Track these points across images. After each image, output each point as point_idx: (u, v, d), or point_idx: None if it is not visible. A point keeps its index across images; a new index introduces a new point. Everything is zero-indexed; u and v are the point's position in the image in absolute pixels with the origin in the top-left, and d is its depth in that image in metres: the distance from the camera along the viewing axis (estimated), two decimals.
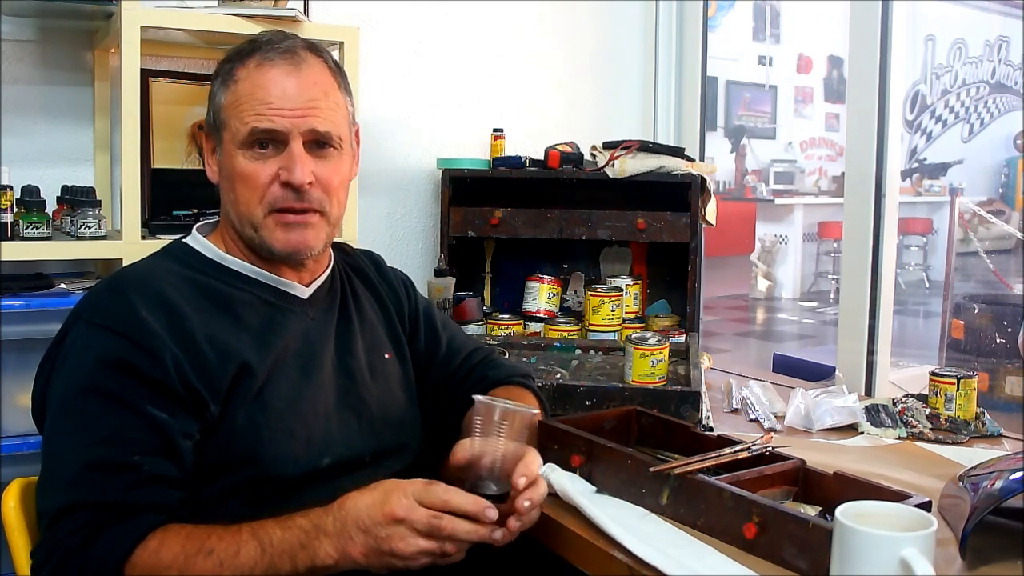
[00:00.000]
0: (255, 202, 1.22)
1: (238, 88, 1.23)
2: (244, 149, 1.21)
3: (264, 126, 1.20)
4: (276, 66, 1.22)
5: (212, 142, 1.28)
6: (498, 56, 2.48)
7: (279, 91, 1.21)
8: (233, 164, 1.22)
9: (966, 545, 1.06)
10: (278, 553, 1.04)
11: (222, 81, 1.25)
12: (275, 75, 1.22)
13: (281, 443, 1.18)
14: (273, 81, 1.21)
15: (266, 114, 1.20)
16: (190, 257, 1.26)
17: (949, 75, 9.07)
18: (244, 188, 1.22)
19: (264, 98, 1.21)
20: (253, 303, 1.24)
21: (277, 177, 1.21)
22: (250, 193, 1.22)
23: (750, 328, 7.43)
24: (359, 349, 1.33)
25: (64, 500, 1.05)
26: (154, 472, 1.07)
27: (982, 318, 3.81)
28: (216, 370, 1.14)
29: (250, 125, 1.20)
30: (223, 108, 1.24)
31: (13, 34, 1.91)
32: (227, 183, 1.25)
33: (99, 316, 1.14)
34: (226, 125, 1.23)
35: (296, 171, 1.20)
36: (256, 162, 1.21)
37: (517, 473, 1.09)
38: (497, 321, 2.20)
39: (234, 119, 1.22)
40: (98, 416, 1.08)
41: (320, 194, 1.24)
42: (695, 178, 2.13)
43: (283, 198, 1.22)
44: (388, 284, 1.47)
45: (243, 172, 1.21)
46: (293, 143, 1.21)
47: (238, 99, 1.22)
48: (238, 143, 1.21)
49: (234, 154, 1.22)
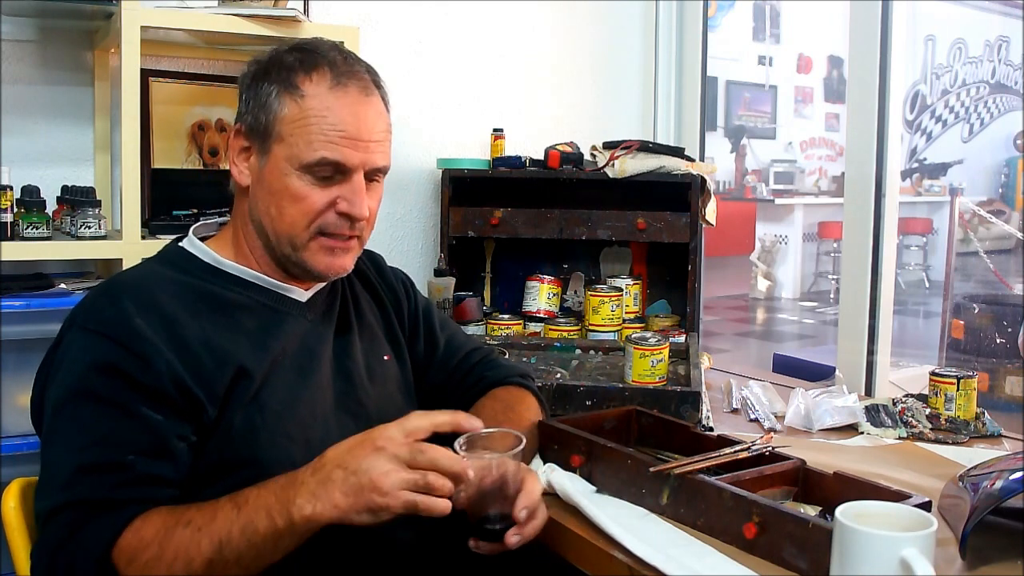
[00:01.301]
0: (303, 224, 1.20)
1: (306, 104, 1.18)
2: (304, 172, 1.19)
3: (336, 158, 1.18)
4: (350, 93, 1.20)
5: (247, 143, 1.23)
6: (498, 56, 2.48)
7: (353, 121, 1.19)
8: (286, 182, 1.19)
9: (966, 545, 1.06)
10: (253, 509, 1.02)
11: (282, 88, 1.20)
12: (349, 103, 1.19)
13: (279, 446, 1.18)
14: (348, 110, 1.19)
15: (339, 144, 1.18)
16: (186, 262, 1.25)
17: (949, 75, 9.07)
18: (294, 208, 1.20)
19: (338, 125, 1.18)
20: (251, 306, 1.24)
21: (333, 204, 1.20)
22: (300, 215, 1.20)
23: (750, 328, 7.43)
24: (357, 352, 1.33)
25: (56, 501, 1.05)
26: (147, 471, 1.07)
27: (982, 318, 3.81)
28: (213, 374, 1.14)
29: (321, 153, 1.17)
30: (283, 120, 1.19)
31: (13, 34, 1.91)
32: (269, 196, 1.21)
33: (93, 322, 1.13)
34: (283, 138, 1.19)
35: (358, 205, 1.20)
36: (313, 187, 1.19)
37: (518, 507, 1.10)
38: (497, 321, 2.20)
39: (298, 137, 1.18)
40: (92, 420, 1.08)
41: (365, 225, 1.24)
42: (695, 178, 2.13)
43: (336, 225, 1.21)
44: (388, 285, 1.47)
45: (298, 193, 1.19)
46: (356, 176, 1.20)
47: (306, 118, 1.18)
48: (299, 163, 1.18)
49: (288, 172, 1.19)
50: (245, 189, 1.25)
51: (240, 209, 1.27)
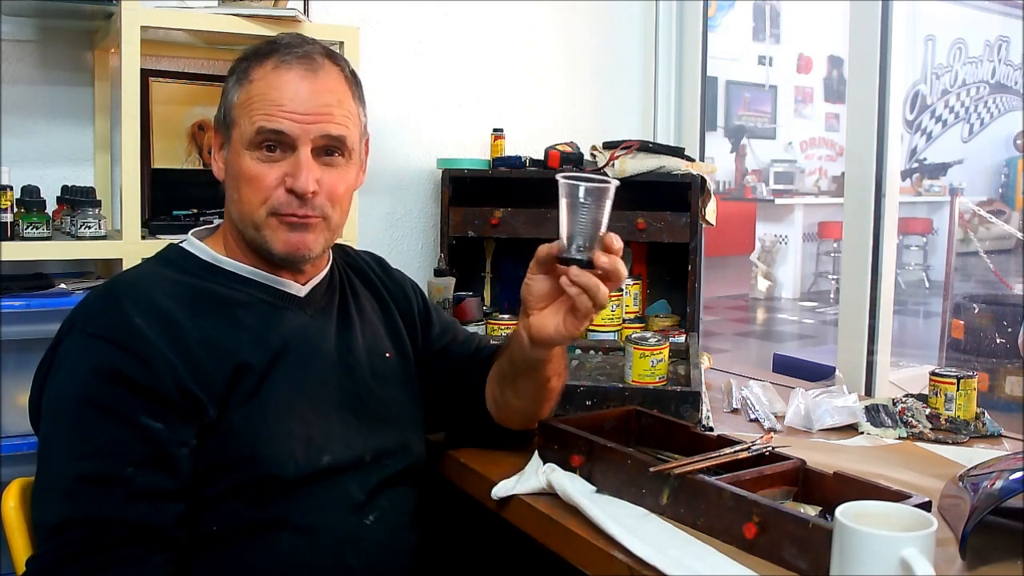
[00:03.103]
0: (257, 203, 1.21)
1: (252, 87, 1.22)
2: (251, 149, 1.21)
3: (272, 126, 1.19)
4: (292, 69, 1.22)
5: (220, 139, 1.27)
6: (498, 56, 2.48)
7: (292, 94, 1.20)
8: (239, 163, 1.21)
9: (966, 545, 1.06)
10: None
11: (237, 79, 1.24)
12: (290, 78, 1.21)
13: (280, 442, 1.18)
14: (287, 83, 1.21)
15: (276, 115, 1.19)
16: (184, 261, 1.25)
17: (949, 75, 9.07)
18: (248, 188, 1.21)
19: (276, 99, 1.20)
20: (250, 303, 1.24)
21: (283, 181, 1.20)
22: (253, 194, 1.21)
23: (750, 328, 7.43)
24: (359, 348, 1.33)
25: (57, 515, 1.05)
26: (147, 486, 1.07)
27: (982, 318, 3.81)
28: (213, 373, 1.14)
29: (258, 124, 1.19)
30: (234, 106, 1.23)
31: (13, 34, 1.91)
32: (232, 182, 1.24)
33: (92, 325, 1.13)
34: (236, 123, 1.23)
35: (301, 178, 1.19)
36: (263, 164, 1.21)
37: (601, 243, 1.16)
38: (497, 321, 2.20)
39: (244, 118, 1.21)
40: (91, 428, 1.08)
41: (323, 201, 1.23)
42: (695, 178, 2.13)
43: (287, 203, 1.21)
44: (394, 283, 1.47)
45: (248, 172, 1.21)
46: (301, 148, 1.20)
47: (250, 98, 1.21)
48: (245, 142, 1.21)
49: (241, 153, 1.21)
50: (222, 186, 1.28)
51: (226, 206, 1.29)
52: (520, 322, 1.26)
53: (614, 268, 1.17)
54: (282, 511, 1.17)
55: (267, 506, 1.16)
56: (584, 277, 1.16)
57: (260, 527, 1.16)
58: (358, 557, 1.22)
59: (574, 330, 1.21)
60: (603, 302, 1.18)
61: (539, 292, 1.22)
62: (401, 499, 1.31)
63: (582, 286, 1.16)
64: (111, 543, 1.04)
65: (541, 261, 1.20)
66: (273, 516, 1.17)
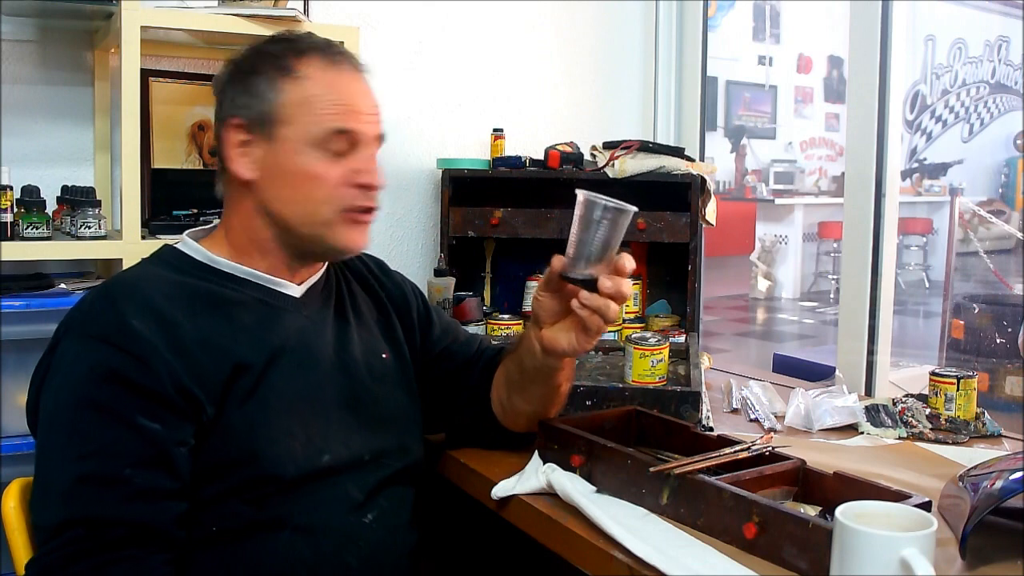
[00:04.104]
0: (321, 201, 1.21)
1: (308, 85, 1.21)
2: (315, 148, 1.20)
3: (349, 127, 1.21)
4: (345, 69, 1.24)
5: (247, 135, 1.23)
6: (498, 56, 2.48)
7: (356, 95, 1.23)
8: (299, 161, 1.20)
9: (966, 545, 1.06)
10: None
11: (277, 74, 1.21)
12: (348, 78, 1.24)
13: (280, 441, 1.18)
14: (348, 84, 1.23)
15: (349, 117, 1.21)
16: (180, 261, 1.25)
17: (949, 75, 9.07)
18: (311, 187, 1.21)
19: (343, 99, 1.21)
20: (247, 302, 1.24)
21: (347, 179, 1.21)
22: (318, 191, 1.21)
23: (750, 328, 7.43)
24: (356, 348, 1.33)
25: (57, 516, 1.05)
26: (146, 485, 1.07)
27: (982, 318, 3.81)
28: (211, 372, 1.14)
29: (331, 125, 1.20)
30: (285, 104, 1.21)
31: (13, 34, 1.91)
32: (283, 180, 1.22)
33: (89, 326, 1.13)
34: (289, 121, 1.20)
35: (375, 174, 1.23)
36: (327, 162, 1.21)
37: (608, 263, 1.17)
38: (497, 321, 2.20)
39: (305, 116, 1.20)
40: (89, 429, 1.08)
41: (378, 196, 1.26)
42: (695, 178, 2.13)
43: (359, 197, 1.23)
44: (394, 284, 1.47)
45: (312, 171, 1.20)
46: (367, 147, 1.23)
47: (310, 97, 1.20)
48: (310, 141, 1.20)
49: (300, 151, 1.20)
50: (245, 184, 1.24)
51: (239, 206, 1.26)
52: (531, 332, 1.27)
53: (618, 291, 1.18)
54: (281, 511, 1.17)
55: (266, 506, 1.16)
56: (594, 300, 1.18)
57: (259, 527, 1.16)
58: (357, 556, 1.22)
59: (587, 345, 1.23)
60: (614, 319, 1.20)
61: (550, 309, 1.24)
62: (400, 499, 1.31)
63: (592, 308, 1.18)
64: (110, 543, 1.04)
65: (550, 279, 1.22)
66: (272, 516, 1.17)
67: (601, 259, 1.17)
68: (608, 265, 1.18)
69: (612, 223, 1.16)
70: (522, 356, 1.31)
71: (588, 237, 1.17)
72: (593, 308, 1.18)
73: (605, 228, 1.16)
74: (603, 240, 1.16)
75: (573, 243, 1.18)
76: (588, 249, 1.17)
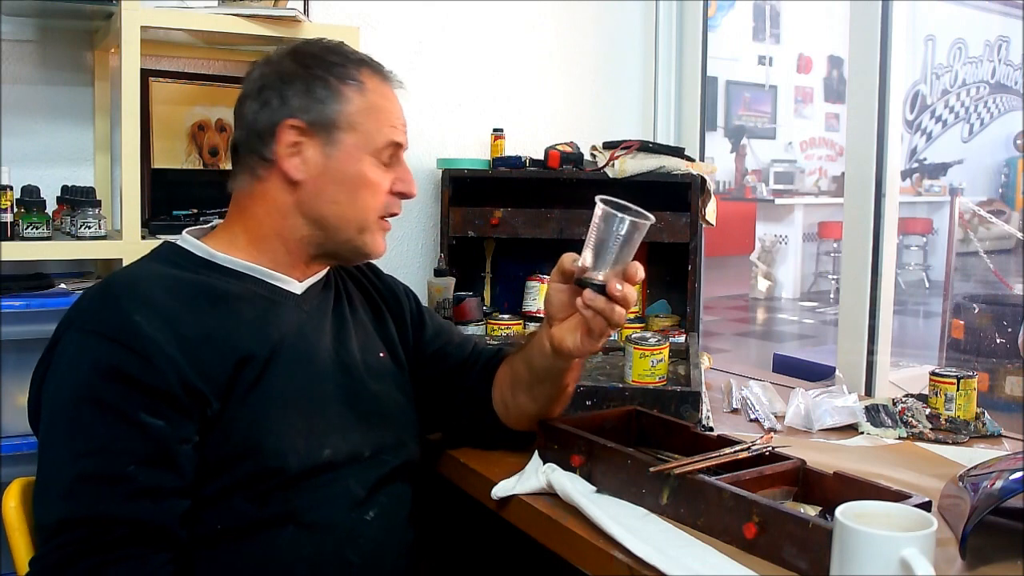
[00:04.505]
0: (374, 207, 1.28)
1: (371, 98, 1.28)
2: (375, 157, 1.27)
3: (399, 140, 1.30)
4: (392, 86, 1.33)
5: (304, 138, 1.24)
6: (498, 56, 2.48)
7: (399, 109, 1.32)
8: (360, 168, 1.26)
9: (966, 545, 1.06)
10: None
11: (339, 81, 1.25)
12: (394, 95, 1.32)
13: (282, 434, 1.18)
14: (395, 101, 1.32)
15: (400, 129, 1.31)
16: (180, 257, 1.25)
17: (949, 75, 9.07)
18: (367, 193, 1.27)
19: (396, 113, 1.31)
20: (247, 296, 1.24)
21: (392, 186, 1.30)
22: (372, 198, 1.28)
23: (750, 328, 7.43)
24: (354, 346, 1.34)
25: (59, 514, 1.05)
26: (149, 483, 1.07)
27: (982, 318, 3.81)
28: (214, 366, 1.14)
29: (389, 137, 1.28)
30: (352, 111, 1.25)
31: (13, 34, 1.91)
32: (338, 184, 1.26)
33: (91, 323, 1.13)
34: (353, 127, 1.25)
35: (413, 183, 1.33)
36: (380, 171, 1.28)
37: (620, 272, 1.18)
38: (497, 321, 2.20)
39: (369, 124, 1.26)
40: (91, 426, 1.08)
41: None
42: (695, 178, 2.13)
43: (396, 205, 1.32)
44: (386, 287, 1.49)
45: (371, 178, 1.27)
46: (404, 159, 1.32)
47: (375, 108, 1.28)
48: (371, 149, 1.26)
49: (361, 158, 1.26)
50: (291, 184, 1.25)
51: (274, 203, 1.26)
52: (544, 331, 1.28)
53: (625, 298, 1.18)
54: (284, 507, 1.17)
55: (269, 502, 1.16)
56: (598, 302, 1.18)
57: (262, 525, 1.16)
58: (358, 554, 1.22)
59: (591, 347, 1.25)
60: (619, 323, 1.21)
61: (560, 303, 1.24)
62: (399, 496, 1.31)
63: (596, 309, 1.19)
64: (113, 542, 1.04)
65: (562, 272, 1.23)
66: (275, 512, 1.17)
67: (615, 265, 1.18)
68: (620, 271, 1.19)
69: (630, 232, 1.17)
70: (532, 355, 1.32)
71: (605, 244, 1.18)
72: (597, 310, 1.18)
73: (623, 236, 1.17)
74: (619, 248, 1.17)
75: (590, 248, 1.19)
76: (604, 255, 1.18)
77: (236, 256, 1.26)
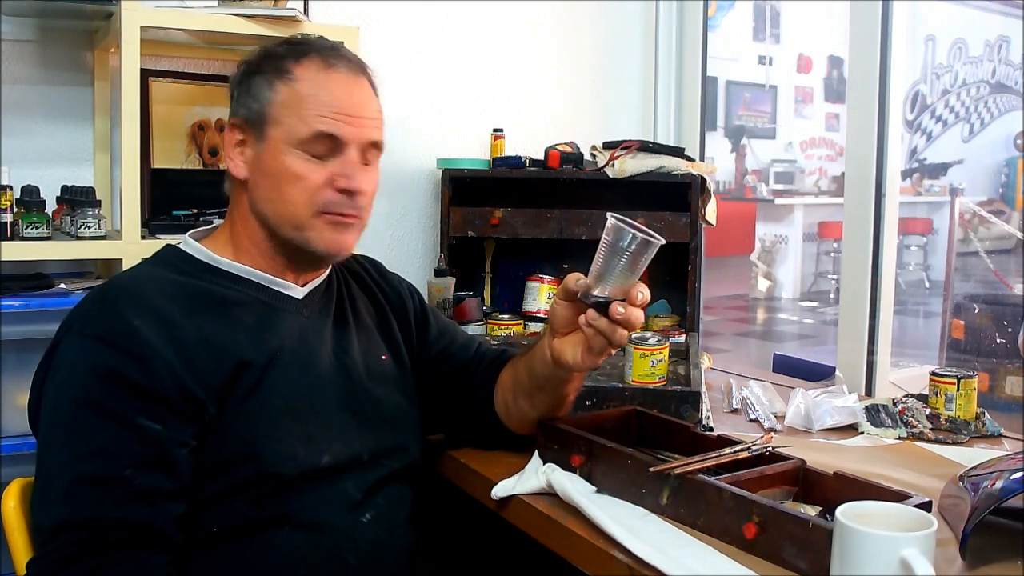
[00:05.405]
0: (302, 203, 1.22)
1: (298, 87, 1.22)
2: (300, 149, 1.21)
3: (330, 130, 1.21)
4: (340, 72, 1.24)
5: (242, 135, 1.25)
6: (498, 56, 2.48)
7: (345, 98, 1.22)
8: (284, 162, 1.21)
9: (966, 545, 1.06)
10: None
11: (273, 75, 1.23)
12: (340, 80, 1.23)
13: (281, 440, 1.18)
14: (339, 86, 1.23)
15: (333, 119, 1.21)
16: (181, 261, 1.25)
17: (949, 75, 9.07)
18: (293, 188, 1.21)
19: (330, 102, 1.21)
20: (247, 302, 1.24)
21: (331, 182, 1.22)
22: (299, 193, 1.21)
23: (750, 328, 7.43)
24: (355, 350, 1.33)
25: (57, 516, 1.05)
26: (146, 486, 1.07)
27: (982, 318, 3.81)
28: (212, 372, 1.14)
29: (315, 127, 1.20)
30: (275, 104, 1.22)
31: (13, 34, 1.91)
32: (269, 180, 1.23)
33: (90, 326, 1.13)
34: (278, 122, 1.22)
35: (356, 178, 1.22)
36: (310, 163, 1.21)
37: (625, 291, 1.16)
38: (497, 321, 2.20)
39: (292, 117, 1.21)
40: (89, 429, 1.08)
41: (365, 202, 1.26)
42: (695, 178, 2.13)
43: (337, 203, 1.22)
44: (391, 286, 1.48)
45: (295, 172, 1.21)
46: (351, 151, 1.23)
47: (299, 98, 1.21)
48: (295, 142, 1.21)
49: (285, 152, 1.21)
50: (243, 184, 1.26)
51: (238, 205, 1.28)
52: (546, 340, 1.27)
53: (628, 320, 1.17)
54: (280, 509, 1.17)
55: (265, 505, 1.16)
56: (600, 322, 1.17)
57: (259, 526, 1.16)
58: (356, 554, 1.22)
59: (592, 363, 1.23)
60: (619, 343, 1.19)
61: (563, 318, 1.24)
62: (398, 498, 1.31)
63: (597, 329, 1.18)
64: (111, 544, 1.04)
65: (566, 291, 1.22)
66: (272, 514, 1.17)
67: (619, 285, 1.17)
68: (625, 291, 1.18)
69: (637, 253, 1.16)
70: (534, 362, 1.31)
71: (611, 263, 1.17)
72: (598, 329, 1.18)
73: (629, 257, 1.16)
74: (625, 268, 1.17)
75: (596, 266, 1.18)
76: (609, 274, 1.17)
77: (237, 260, 1.26)
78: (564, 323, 1.24)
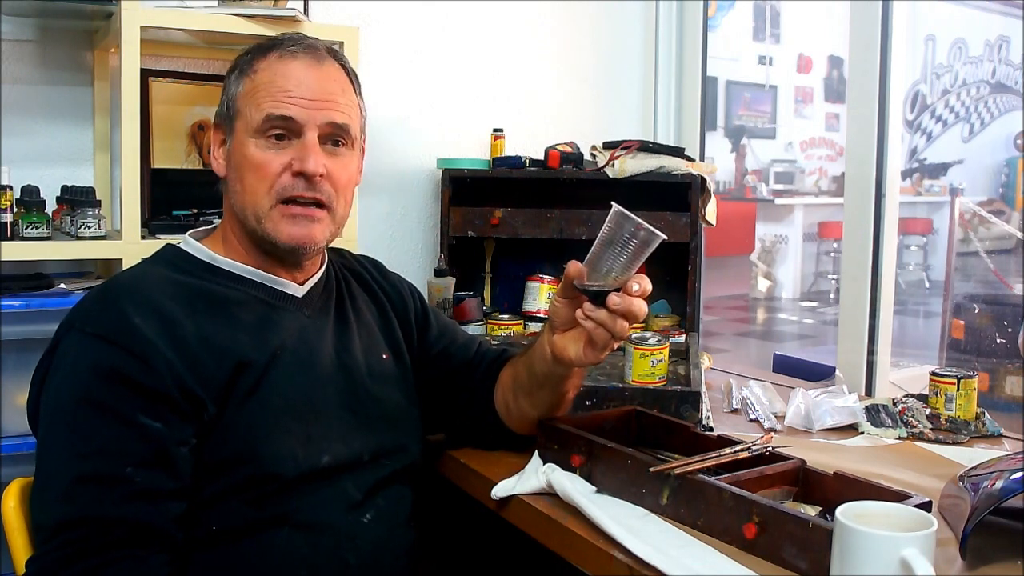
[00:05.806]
0: (263, 191, 1.21)
1: (257, 78, 1.23)
2: (257, 137, 1.22)
3: (280, 112, 1.20)
4: (298, 59, 1.24)
5: (222, 134, 1.27)
6: (498, 56, 2.48)
7: (298, 81, 1.22)
8: (244, 152, 1.22)
9: (966, 545, 1.06)
10: None
11: (239, 73, 1.26)
12: (296, 66, 1.23)
13: (280, 440, 1.18)
14: (294, 71, 1.23)
15: (284, 102, 1.21)
16: (181, 260, 1.25)
17: (949, 75, 9.07)
18: (253, 176, 1.21)
19: (283, 86, 1.22)
20: (248, 302, 1.24)
21: (289, 167, 1.21)
22: (259, 182, 1.21)
23: (750, 328, 7.42)
24: (356, 349, 1.33)
25: (57, 515, 1.05)
26: (147, 485, 1.07)
27: (982, 318, 3.80)
28: (213, 371, 1.14)
29: (266, 111, 1.21)
30: (238, 97, 1.24)
31: (13, 34, 1.91)
32: (235, 173, 1.24)
33: (91, 325, 1.13)
34: (240, 114, 1.23)
35: (310, 160, 1.20)
36: (268, 151, 1.21)
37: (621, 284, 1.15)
38: (497, 321, 2.20)
39: (249, 107, 1.22)
40: (90, 428, 1.08)
41: (329, 188, 1.24)
42: (695, 178, 2.13)
43: (292, 187, 1.21)
44: (391, 286, 1.48)
45: (254, 160, 1.21)
46: (308, 134, 1.22)
47: (256, 87, 1.23)
48: (252, 130, 1.22)
49: (245, 142, 1.22)
50: (225, 181, 1.28)
51: (225, 203, 1.29)
52: (545, 337, 1.27)
53: (627, 310, 1.17)
54: (280, 509, 1.17)
55: (265, 505, 1.16)
56: (599, 313, 1.17)
57: (259, 526, 1.16)
58: (355, 554, 1.22)
59: (594, 359, 1.23)
60: (621, 335, 1.19)
61: (564, 316, 1.23)
62: (398, 498, 1.31)
63: (597, 321, 1.17)
64: (110, 543, 1.04)
65: (566, 285, 1.21)
66: (272, 514, 1.17)
67: (618, 275, 1.17)
68: (622, 283, 1.18)
69: (639, 245, 1.16)
70: (533, 359, 1.31)
71: (610, 252, 1.16)
72: (597, 321, 1.17)
73: (630, 247, 1.16)
74: (624, 258, 1.16)
75: (593, 254, 1.18)
76: (607, 263, 1.17)
77: (237, 259, 1.26)
78: (564, 320, 1.24)
